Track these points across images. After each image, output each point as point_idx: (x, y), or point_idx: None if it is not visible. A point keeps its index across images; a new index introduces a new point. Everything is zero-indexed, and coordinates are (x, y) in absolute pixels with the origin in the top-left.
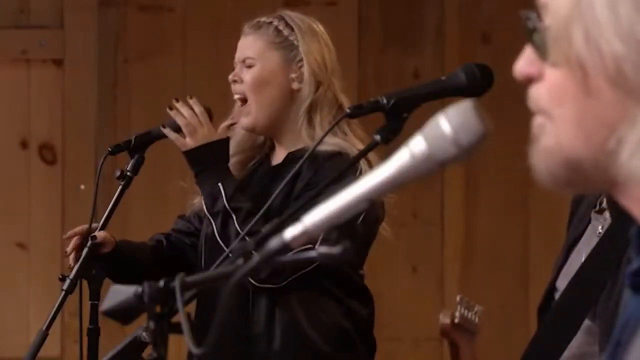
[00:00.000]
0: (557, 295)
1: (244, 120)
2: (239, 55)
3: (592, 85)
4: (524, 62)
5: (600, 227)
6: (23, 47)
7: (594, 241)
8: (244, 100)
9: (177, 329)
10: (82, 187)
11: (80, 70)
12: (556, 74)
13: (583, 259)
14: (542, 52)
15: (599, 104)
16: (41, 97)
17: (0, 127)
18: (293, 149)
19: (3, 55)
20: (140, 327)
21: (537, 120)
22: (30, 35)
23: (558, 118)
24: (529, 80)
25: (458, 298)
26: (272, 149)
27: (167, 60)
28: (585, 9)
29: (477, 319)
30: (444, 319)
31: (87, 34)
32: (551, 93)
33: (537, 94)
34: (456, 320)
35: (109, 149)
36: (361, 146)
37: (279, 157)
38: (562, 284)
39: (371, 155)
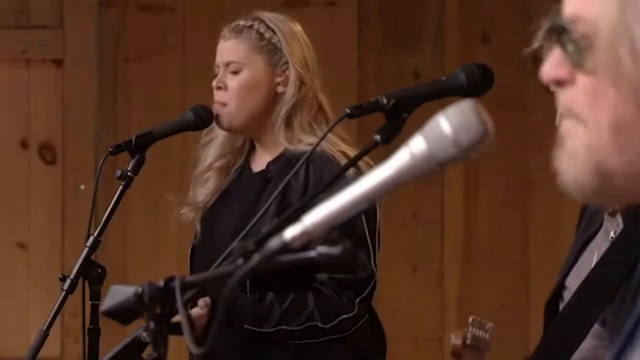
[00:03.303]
0: (565, 294)
1: (221, 120)
2: (222, 59)
3: (637, 97)
4: (553, 65)
5: (612, 232)
6: (23, 47)
7: (606, 245)
8: (223, 104)
9: (177, 329)
10: (82, 187)
11: (80, 70)
12: (593, 81)
13: (594, 261)
14: (576, 59)
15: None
16: (41, 97)
17: (0, 127)
18: (273, 153)
19: (3, 55)
20: (140, 327)
21: (566, 124)
22: (30, 35)
23: (593, 125)
24: (557, 84)
25: (470, 319)
26: (252, 151)
27: (167, 60)
28: (633, 26)
29: (488, 336)
30: (456, 340)
31: (87, 34)
32: (588, 99)
33: (570, 98)
34: (468, 342)
35: (110, 149)
36: (340, 143)
37: (259, 161)
38: (571, 283)
39: (361, 162)
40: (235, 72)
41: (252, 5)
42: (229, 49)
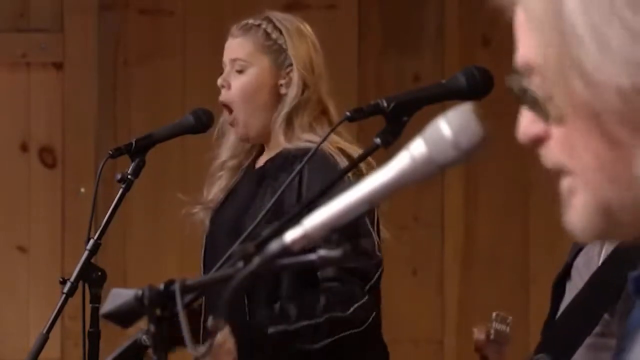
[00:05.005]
0: (573, 272)
1: (236, 131)
2: (228, 55)
3: (604, 127)
4: (526, 125)
5: None
6: (23, 50)
7: None
8: (228, 108)
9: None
10: (83, 190)
11: (80, 74)
12: (563, 129)
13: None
14: (542, 113)
15: (615, 144)
16: (41, 101)
17: (0, 131)
18: (273, 152)
19: (3, 59)
20: (141, 330)
21: (565, 183)
22: (31, 38)
23: (580, 171)
24: (536, 142)
25: (494, 315)
26: (261, 151)
27: (167, 63)
28: (576, 55)
29: (508, 330)
30: (479, 335)
31: (87, 38)
32: (565, 149)
33: (551, 154)
34: (492, 337)
35: (110, 152)
36: (338, 139)
37: (262, 160)
38: (579, 262)
39: (363, 165)
40: (240, 71)
41: (252, 9)
42: (235, 46)
